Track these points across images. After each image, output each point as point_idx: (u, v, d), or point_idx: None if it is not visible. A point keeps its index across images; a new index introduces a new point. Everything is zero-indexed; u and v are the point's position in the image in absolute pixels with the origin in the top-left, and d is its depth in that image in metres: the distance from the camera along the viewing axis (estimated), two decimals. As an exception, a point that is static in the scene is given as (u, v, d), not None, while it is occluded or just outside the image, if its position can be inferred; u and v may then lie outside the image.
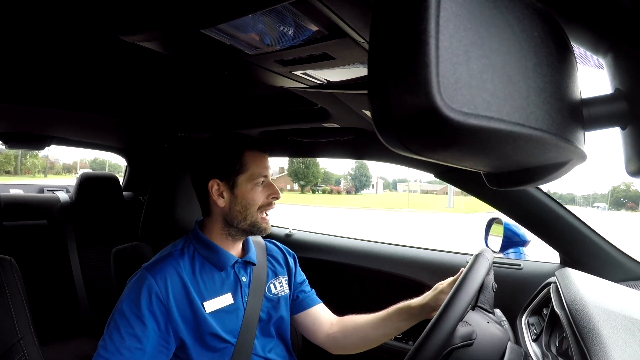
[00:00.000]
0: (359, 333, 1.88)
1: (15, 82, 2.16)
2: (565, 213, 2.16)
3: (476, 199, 2.42)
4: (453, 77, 0.38)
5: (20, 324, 1.75)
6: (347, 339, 1.91)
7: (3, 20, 1.40)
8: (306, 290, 2.07)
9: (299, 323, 2.03)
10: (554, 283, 1.78)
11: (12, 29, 1.48)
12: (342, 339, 1.93)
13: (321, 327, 1.99)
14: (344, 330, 1.93)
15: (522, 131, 0.44)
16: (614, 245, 2.15)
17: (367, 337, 1.86)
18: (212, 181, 1.74)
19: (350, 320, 1.94)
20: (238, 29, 1.16)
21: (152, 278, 1.60)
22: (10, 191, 4.55)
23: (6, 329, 1.71)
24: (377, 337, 1.85)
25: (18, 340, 1.72)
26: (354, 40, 1.16)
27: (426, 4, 0.37)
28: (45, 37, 1.55)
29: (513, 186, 0.63)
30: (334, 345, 1.96)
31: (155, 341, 1.54)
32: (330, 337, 1.96)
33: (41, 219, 3.72)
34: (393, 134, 0.42)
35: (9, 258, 1.85)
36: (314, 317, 2.01)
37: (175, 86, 2.16)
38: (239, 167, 1.72)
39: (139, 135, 3.81)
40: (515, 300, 2.16)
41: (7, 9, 1.30)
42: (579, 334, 1.24)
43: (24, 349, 1.71)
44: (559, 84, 0.52)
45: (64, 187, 4.80)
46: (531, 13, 0.47)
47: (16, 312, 1.75)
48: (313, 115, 2.24)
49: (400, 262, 2.88)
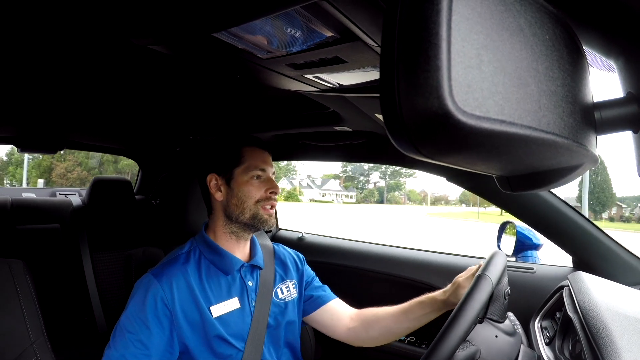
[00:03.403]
0: (381, 326, 1.86)
1: (28, 87, 2.17)
2: (578, 216, 2.15)
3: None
4: (465, 80, 0.38)
5: (32, 328, 1.75)
6: (369, 332, 1.90)
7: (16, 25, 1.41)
8: (318, 287, 2.05)
9: (317, 321, 2.01)
10: (567, 287, 1.77)
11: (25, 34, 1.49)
12: (363, 333, 1.91)
13: (340, 322, 1.97)
14: (366, 323, 1.91)
15: (534, 135, 0.44)
16: (626, 248, 2.13)
17: (390, 330, 1.85)
18: (210, 175, 1.77)
19: (371, 314, 1.92)
20: (249, 32, 1.16)
21: (158, 282, 1.60)
22: (23, 195, 4.58)
23: (19, 333, 1.71)
24: (401, 330, 1.83)
25: (31, 344, 1.71)
26: (365, 43, 1.16)
27: (438, 7, 0.37)
28: (58, 41, 1.56)
29: (525, 190, 0.63)
30: (355, 339, 1.95)
31: (160, 346, 1.55)
32: (351, 331, 1.94)
33: (54, 223, 3.74)
34: (405, 137, 0.42)
35: (21, 262, 1.85)
36: (331, 312, 2.00)
37: (187, 90, 2.17)
38: (236, 160, 1.74)
39: (151, 138, 3.82)
40: (528, 303, 2.15)
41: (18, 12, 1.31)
42: (592, 338, 1.23)
43: (37, 353, 1.71)
44: (571, 87, 0.52)
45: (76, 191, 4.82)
46: (542, 16, 0.47)
47: (28, 316, 1.75)
48: (325, 119, 2.24)
49: (413, 265, 2.87)
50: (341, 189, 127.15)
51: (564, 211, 2.15)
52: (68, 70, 1.91)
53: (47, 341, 1.78)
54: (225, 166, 1.75)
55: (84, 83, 2.10)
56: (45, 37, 1.51)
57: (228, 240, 1.79)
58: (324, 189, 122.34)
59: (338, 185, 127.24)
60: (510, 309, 1.66)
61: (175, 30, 1.21)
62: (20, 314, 1.74)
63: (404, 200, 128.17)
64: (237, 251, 1.80)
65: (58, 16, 1.32)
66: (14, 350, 1.68)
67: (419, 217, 58.65)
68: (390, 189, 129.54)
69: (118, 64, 1.81)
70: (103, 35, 1.47)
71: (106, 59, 1.74)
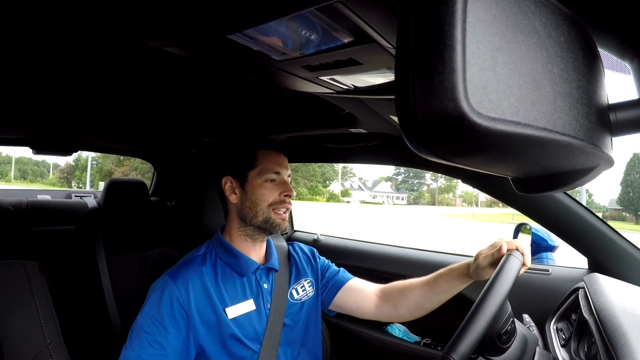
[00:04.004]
0: (410, 303, 1.84)
1: (43, 89, 2.19)
2: (593, 218, 2.14)
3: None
4: (480, 82, 0.38)
5: (48, 329, 1.76)
6: (398, 310, 1.87)
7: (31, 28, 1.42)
8: (334, 272, 2.03)
9: (342, 305, 1.98)
10: (583, 288, 1.77)
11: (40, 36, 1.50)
12: (393, 311, 1.88)
13: (366, 301, 1.94)
14: (394, 301, 1.88)
15: (549, 136, 0.44)
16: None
17: (420, 305, 1.82)
18: (225, 178, 1.78)
19: (397, 291, 1.89)
20: (264, 34, 1.17)
21: (174, 284, 1.61)
22: (38, 197, 4.60)
23: (34, 335, 1.72)
24: (431, 304, 1.80)
25: (46, 345, 1.72)
26: (380, 45, 1.16)
27: (453, 9, 0.37)
28: (72, 43, 1.57)
29: (540, 191, 0.63)
30: (386, 318, 1.92)
31: (177, 347, 1.55)
32: (379, 310, 1.92)
33: (69, 225, 3.76)
34: (420, 139, 0.43)
35: (36, 263, 1.86)
36: (353, 292, 1.97)
37: (202, 91, 2.17)
38: (250, 163, 1.74)
39: (166, 140, 3.83)
40: (544, 305, 2.14)
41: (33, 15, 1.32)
42: (607, 340, 1.23)
43: (52, 355, 1.72)
44: (586, 89, 0.52)
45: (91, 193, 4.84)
46: (557, 18, 0.48)
47: (44, 318, 1.76)
48: (340, 121, 2.24)
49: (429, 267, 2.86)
50: (392, 191, 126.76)
51: (579, 213, 2.14)
52: (82, 72, 1.92)
53: (62, 343, 1.79)
54: (239, 169, 1.76)
55: (98, 85, 2.12)
56: (60, 39, 1.52)
57: (243, 243, 1.80)
58: (374, 191, 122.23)
59: (389, 188, 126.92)
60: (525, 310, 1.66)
61: (189, 32, 1.22)
62: (35, 315, 1.75)
63: (455, 202, 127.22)
64: (252, 253, 1.81)
65: (73, 18, 1.33)
66: (29, 352, 1.69)
67: (433, 217, 58.36)
68: (443, 191, 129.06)
69: (132, 66, 1.81)
70: (117, 37, 1.48)
71: (121, 60, 1.75)
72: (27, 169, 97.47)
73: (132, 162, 60.69)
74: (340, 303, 1.97)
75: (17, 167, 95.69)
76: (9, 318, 1.70)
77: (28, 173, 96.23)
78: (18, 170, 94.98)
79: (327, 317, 2.07)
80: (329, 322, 2.79)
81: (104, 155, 65.29)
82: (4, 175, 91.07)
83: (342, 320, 2.95)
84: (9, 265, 1.81)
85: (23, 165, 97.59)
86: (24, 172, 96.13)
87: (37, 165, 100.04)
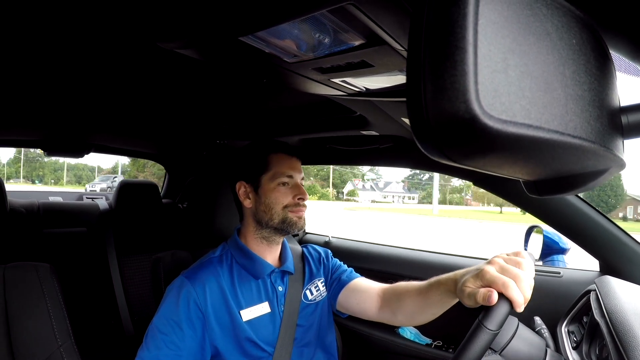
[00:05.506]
0: (406, 312, 1.72)
1: (54, 90, 2.20)
2: (605, 221, 2.13)
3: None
4: (491, 84, 0.38)
5: (59, 331, 1.77)
6: (397, 317, 1.77)
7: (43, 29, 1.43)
8: (342, 272, 2.00)
9: (347, 305, 1.93)
10: (594, 291, 1.76)
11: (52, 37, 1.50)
12: (392, 317, 1.79)
13: (368, 302, 1.87)
14: (393, 307, 1.78)
15: (560, 139, 0.44)
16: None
17: (414, 317, 1.71)
18: (239, 183, 1.80)
19: (395, 297, 1.77)
20: (276, 36, 1.17)
21: (191, 285, 1.62)
22: (50, 198, 4.62)
23: (46, 337, 1.73)
24: (424, 317, 1.67)
25: (58, 347, 1.73)
26: (392, 47, 1.16)
27: (464, 11, 0.37)
28: (84, 45, 1.57)
29: (552, 194, 0.63)
30: (389, 322, 1.85)
31: (193, 348, 1.56)
32: (382, 314, 1.83)
33: (81, 227, 3.77)
34: (432, 141, 0.43)
35: (48, 265, 1.87)
36: (356, 293, 1.91)
37: (214, 94, 2.18)
38: (262, 167, 1.76)
39: (177, 143, 3.84)
40: (555, 308, 2.13)
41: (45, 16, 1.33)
42: (619, 342, 1.22)
43: (64, 357, 1.72)
44: (598, 91, 0.52)
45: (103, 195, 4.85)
46: (569, 20, 0.47)
47: (55, 320, 1.77)
48: (352, 123, 2.24)
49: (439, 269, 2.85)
50: (403, 191, 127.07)
51: (590, 215, 2.13)
52: (94, 74, 1.92)
53: (74, 345, 1.80)
54: (252, 174, 1.77)
55: (110, 87, 2.12)
56: (72, 41, 1.53)
57: (259, 245, 1.81)
58: (385, 191, 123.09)
59: (401, 188, 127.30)
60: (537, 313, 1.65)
61: (201, 34, 1.22)
62: (47, 317, 1.76)
63: (465, 201, 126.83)
64: (267, 255, 1.82)
65: (85, 20, 1.33)
66: (41, 354, 1.70)
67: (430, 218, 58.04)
68: (454, 191, 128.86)
69: (144, 68, 1.82)
70: (129, 39, 1.48)
71: (132, 62, 1.75)
72: (82, 174, 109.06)
73: (151, 168, 63.28)
74: (344, 303, 1.95)
75: (73, 172, 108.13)
76: (21, 320, 1.71)
77: (83, 178, 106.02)
78: (74, 176, 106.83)
79: (338, 319, 2.06)
80: (339, 325, 2.78)
81: (132, 162, 71.99)
82: (58, 180, 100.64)
83: (353, 322, 2.93)
84: (21, 268, 1.82)
85: (79, 171, 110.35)
86: (79, 177, 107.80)
87: (91, 171, 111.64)
